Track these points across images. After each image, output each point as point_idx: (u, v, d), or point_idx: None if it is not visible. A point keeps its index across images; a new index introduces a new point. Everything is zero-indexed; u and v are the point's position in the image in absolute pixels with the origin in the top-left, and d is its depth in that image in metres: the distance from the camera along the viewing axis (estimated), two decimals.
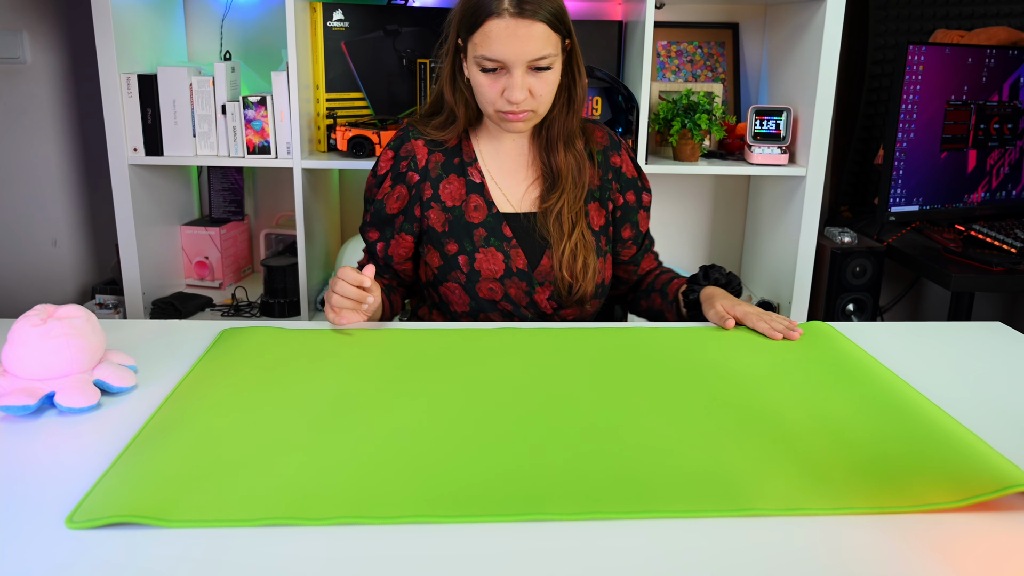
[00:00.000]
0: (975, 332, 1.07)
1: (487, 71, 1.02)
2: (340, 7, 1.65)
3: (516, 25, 0.98)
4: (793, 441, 0.72)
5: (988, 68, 1.81)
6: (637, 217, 1.20)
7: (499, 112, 1.05)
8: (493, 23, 0.99)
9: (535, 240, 1.12)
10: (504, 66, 1.01)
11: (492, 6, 0.99)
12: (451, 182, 1.12)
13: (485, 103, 1.06)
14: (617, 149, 1.18)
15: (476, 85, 1.05)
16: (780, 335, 0.98)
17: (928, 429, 0.74)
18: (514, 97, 1.01)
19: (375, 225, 1.16)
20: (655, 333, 1.01)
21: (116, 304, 1.74)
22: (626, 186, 1.18)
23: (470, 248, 1.11)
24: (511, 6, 0.98)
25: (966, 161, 1.86)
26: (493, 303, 1.13)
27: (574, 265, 1.11)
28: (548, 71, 1.03)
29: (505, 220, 1.12)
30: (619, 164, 1.18)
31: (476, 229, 1.11)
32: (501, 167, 1.14)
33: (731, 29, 1.89)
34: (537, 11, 0.99)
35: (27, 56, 1.77)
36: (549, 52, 1.01)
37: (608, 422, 0.75)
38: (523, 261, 1.11)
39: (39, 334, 0.77)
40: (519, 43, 0.99)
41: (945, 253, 1.74)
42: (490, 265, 1.11)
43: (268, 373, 0.86)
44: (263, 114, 1.60)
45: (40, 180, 1.85)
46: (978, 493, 0.62)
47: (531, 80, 1.02)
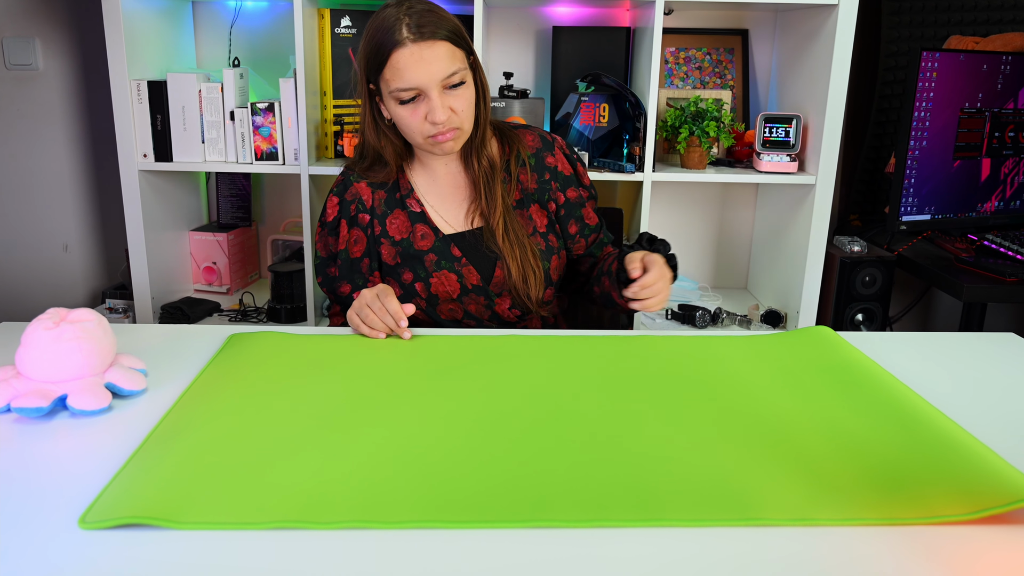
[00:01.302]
0: (987, 343, 1.06)
1: (405, 103, 1.05)
2: (348, 13, 1.66)
3: (420, 49, 1.01)
4: (800, 450, 0.71)
5: (1003, 75, 1.79)
6: (581, 212, 1.21)
7: (427, 138, 1.07)
8: (398, 54, 1.01)
9: (483, 254, 1.15)
10: (420, 92, 1.03)
11: (393, 38, 1.01)
12: (396, 216, 1.16)
13: (413, 133, 1.08)
14: (551, 149, 1.20)
15: (399, 119, 1.07)
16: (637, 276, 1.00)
17: (939, 440, 0.73)
18: (437, 118, 1.03)
19: (346, 277, 1.17)
20: (661, 341, 1.01)
21: (126, 308, 1.75)
22: (565, 183, 1.20)
23: (424, 274, 1.14)
24: (410, 33, 1.01)
25: (980, 170, 1.83)
26: (456, 323, 1.16)
27: (520, 268, 1.13)
28: (462, 86, 1.05)
29: (452, 241, 1.15)
30: (554, 163, 1.19)
31: (426, 255, 1.14)
32: (439, 193, 1.17)
33: (740, 35, 1.87)
34: (436, 31, 1.02)
35: (39, 63, 1.79)
36: (458, 67, 1.04)
37: (614, 429, 0.75)
38: (476, 277, 1.14)
39: (52, 337, 0.78)
40: (427, 66, 1.02)
41: (957, 263, 1.72)
42: (445, 287, 1.14)
43: (276, 378, 0.86)
44: (271, 120, 1.61)
45: (51, 185, 1.88)
46: (990, 506, 0.61)
47: (449, 99, 1.05)
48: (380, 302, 1.01)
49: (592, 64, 1.76)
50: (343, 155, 1.66)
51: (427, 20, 1.02)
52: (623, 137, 1.63)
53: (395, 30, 1.01)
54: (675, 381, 0.87)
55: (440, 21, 1.03)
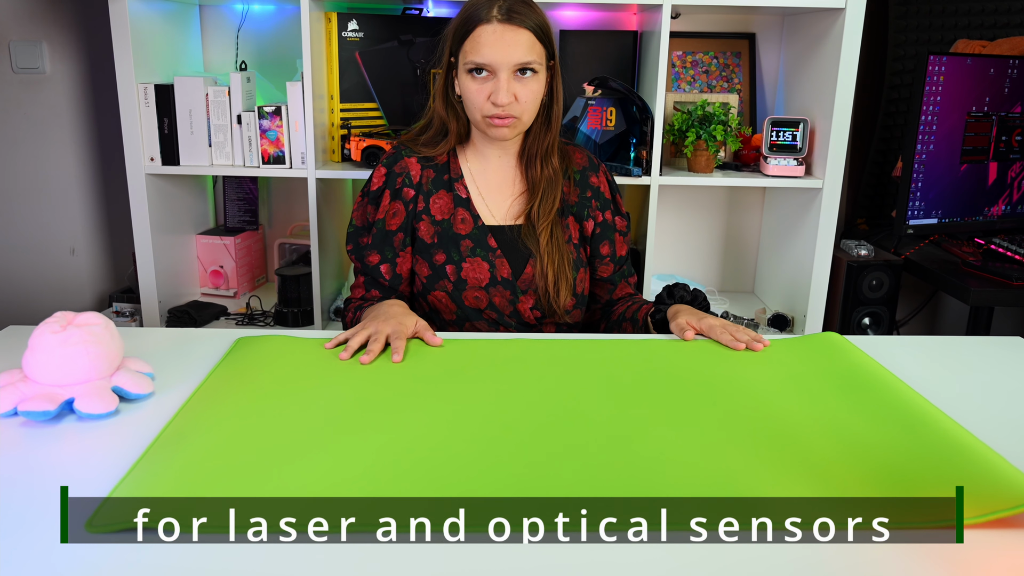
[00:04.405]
0: (995, 347, 1.06)
1: (475, 77, 1.09)
2: (355, 17, 1.66)
3: (503, 30, 1.07)
4: (809, 455, 0.71)
5: (1011, 79, 1.78)
6: (614, 236, 1.25)
7: (486, 118, 1.11)
8: (482, 28, 1.08)
9: (519, 250, 1.18)
10: (492, 70, 1.08)
11: (482, 14, 1.08)
12: (440, 197, 1.18)
13: (473, 109, 1.12)
14: (596, 171, 1.24)
15: (465, 92, 1.12)
16: (743, 345, 0.99)
17: (947, 444, 0.73)
18: (500, 99, 1.07)
19: (377, 248, 1.18)
20: (669, 345, 1.01)
21: (133, 312, 1.75)
22: (604, 205, 1.24)
23: (457, 258, 1.16)
24: (499, 13, 1.07)
25: (987, 173, 1.83)
26: (478, 311, 1.17)
27: (555, 273, 1.16)
28: (532, 78, 1.10)
29: (490, 232, 1.18)
30: (597, 184, 1.24)
31: (463, 240, 1.17)
32: (487, 182, 1.20)
33: (747, 39, 1.87)
34: (524, 19, 1.08)
35: (46, 67, 1.79)
36: (533, 59, 1.09)
37: (622, 434, 0.75)
38: (507, 270, 1.17)
39: (59, 341, 0.78)
40: (505, 47, 1.07)
41: (964, 267, 1.72)
42: (476, 274, 1.16)
43: (283, 381, 0.86)
44: (278, 124, 1.61)
45: (59, 189, 1.88)
46: (998, 509, 0.61)
47: (516, 86, 1.09)
48: (401, 338, 0.96)
49: (599, 68, 1.76)
50: (350, 159, 1.66)
51: (519, 8, 1.08)
52: (630, 141, 1.63)
53: (487, 7, 1.08)
54: (684, 385, 0.87)
55: (531, 13, 1.09)
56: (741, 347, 0.99)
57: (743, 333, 1.01)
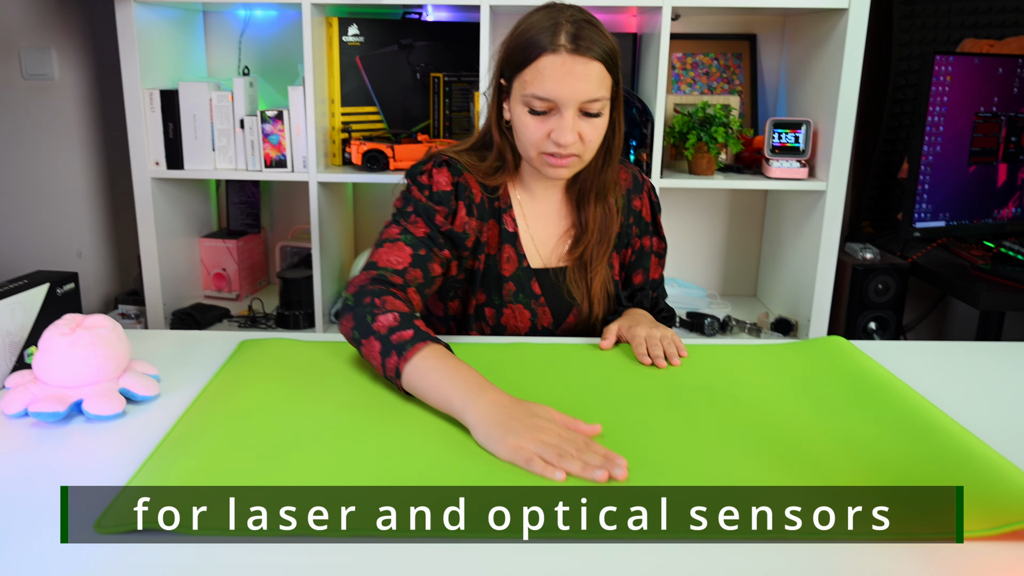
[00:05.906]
0: (1006, 353, 1.03)
1: (535, 113, 0.96)
2: (355, 22, 1.67)
3: (572, 62, 0.92)
4: (816, 462, 0.70)
5: (1020, 78, 1.75)
6: (649, 262, 1.16)
7: (542, 155, 0.98)
8: (547, 59, 0.93)
9: (563, 297, 1.08)
10: (554, 106, 0.95)
11: (546, 42, 0.93)
12: (491, 228, 1.06)
13: (528, 145, 0.98)
14: (639, 192, 1.13)
15: (520, 126, 0.98)
16: (649, 360, 0.92)
17: (957, 453, 0.71)
18: (564, 140, 0.94)
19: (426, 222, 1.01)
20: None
21: (138, 314, 1.77)
22: (643, 231, 1.15)
23: (498, 302, 1.07)
24: (567, 42, 0.92)
25: (996, 175, 1.80)
26: None
27: (604, 313, 1.10)
28: (598, 117, 0.96)
29: (535, 276, 1.08)
30: (639, 207, 1.13)
31: (506, 283, 1.06)
32: (534, 215, 1.09)
33: (748, 40, 1.86)
34: (593, 48, 0.93)
35: (55, 73, 1.83)
36: (602, 95, 0.95)
37: (623, 438, 0.74)
38: (549, 319, 1.09)
39: (68, 343, 0.79)
40: (574, 81, 0.92)
41: (973, 271, 1.69)
42: (516, 322, 1.07)
43: (287, 384, 0.87)
44: (280, 128, 1.62)
45: (66, 193, 1.91)
46: (1010, 521, 0.60)
47: (581, 124, 0.95)
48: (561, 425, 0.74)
49: None
50: (351, 162, 1.67)
51: (588, 34, 0.93)
52: (630, 144, 1.62)
53: (552, 33, 0.93)
54: (688, 389, 0.87)
55: (600, 39, 0.94)
56: (647, 362, 0.92)
57: (658, 349, 0.94)
